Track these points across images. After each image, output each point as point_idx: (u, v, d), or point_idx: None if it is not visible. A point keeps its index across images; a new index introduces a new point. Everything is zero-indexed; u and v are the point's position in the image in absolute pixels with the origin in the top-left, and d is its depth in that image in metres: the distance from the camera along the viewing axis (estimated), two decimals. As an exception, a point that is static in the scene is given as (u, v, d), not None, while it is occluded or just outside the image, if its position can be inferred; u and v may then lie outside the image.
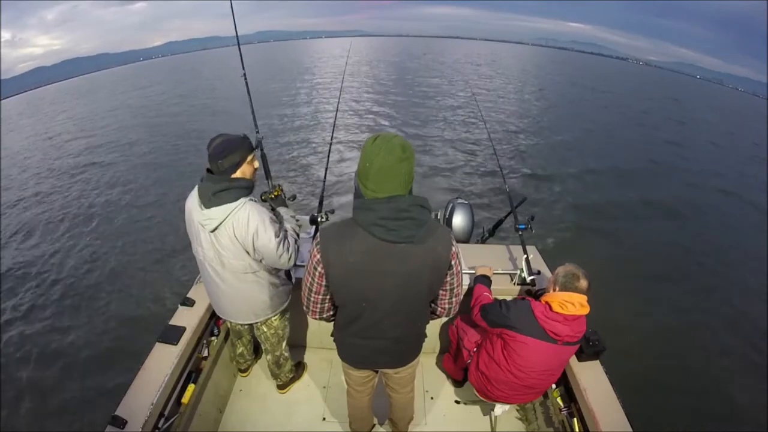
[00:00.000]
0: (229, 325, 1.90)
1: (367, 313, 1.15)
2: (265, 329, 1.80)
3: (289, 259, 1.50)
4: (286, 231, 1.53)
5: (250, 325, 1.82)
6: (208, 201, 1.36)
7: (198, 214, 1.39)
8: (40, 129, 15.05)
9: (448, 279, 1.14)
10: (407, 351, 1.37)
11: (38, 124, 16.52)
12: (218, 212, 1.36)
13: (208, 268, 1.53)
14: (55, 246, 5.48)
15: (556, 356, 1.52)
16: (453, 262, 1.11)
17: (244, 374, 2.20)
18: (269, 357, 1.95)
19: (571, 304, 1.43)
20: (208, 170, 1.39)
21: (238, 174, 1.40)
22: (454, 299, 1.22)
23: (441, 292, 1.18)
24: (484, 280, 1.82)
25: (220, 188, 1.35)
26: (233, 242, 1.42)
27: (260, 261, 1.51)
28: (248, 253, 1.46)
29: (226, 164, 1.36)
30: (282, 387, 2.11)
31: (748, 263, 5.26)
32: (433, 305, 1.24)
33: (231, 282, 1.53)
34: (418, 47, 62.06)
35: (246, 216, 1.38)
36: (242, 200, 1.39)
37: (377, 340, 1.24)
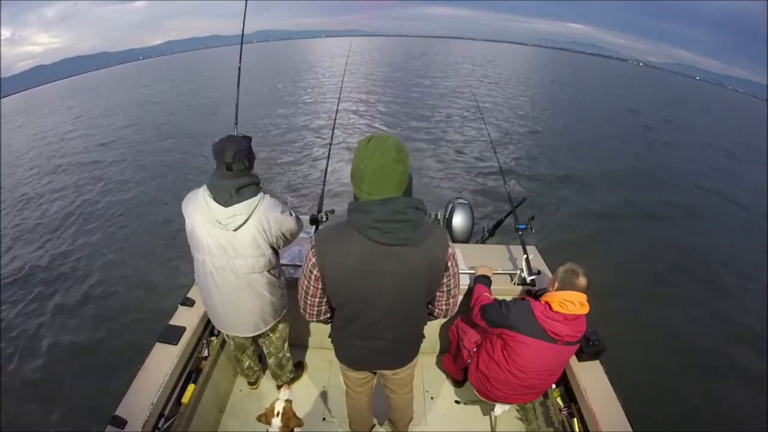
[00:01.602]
0: (227, 338, 1.82)
1: (365, 314, 1.15)
2: (271, 334, 1.78)
3: (298, 220, 1.58)
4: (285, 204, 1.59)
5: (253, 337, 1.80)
6: (230, 198, 1.35)
7: (215, 214, 1.35)
8: (41, 128, 15.03)
9: (445, 281, 1.15)
10: (405, 352, 1.36)
11: (40, 123, 16.49)
12: (242, 208, 1.36)
13: (216, 279, 1.47)
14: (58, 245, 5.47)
15: (557, 356, 1.52)
16: (449, 264, 1.12)
17: (254, 386, 2.14)
18: (272, 360, 1.93)
19: (571, 303, 1.43)
20: (227, 168, 1.36)
21: (253, 171, 1.47)
22: (451, 300, 1.22)
23: (438, 293, 1.18)
24: (484, 280, 1.82)
25: (243, 184, 1.36)
26: (256, 236, 1.41)
27: (279, 249, 1.54)
28: (270, 245, 1.47)
29: (250, 161, 1.42)
30: (281, 388, 2.09)
31: (749, 263, 5.27)
32: (430, 306, 1.24)
33: (241, 290, 1.50)
34: (418, 47, 61.99)
35: (269, 207, 1.42)
36: (261, 194, 1.43)
37: (375, 341, 1.24)
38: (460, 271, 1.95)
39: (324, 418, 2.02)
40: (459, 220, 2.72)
